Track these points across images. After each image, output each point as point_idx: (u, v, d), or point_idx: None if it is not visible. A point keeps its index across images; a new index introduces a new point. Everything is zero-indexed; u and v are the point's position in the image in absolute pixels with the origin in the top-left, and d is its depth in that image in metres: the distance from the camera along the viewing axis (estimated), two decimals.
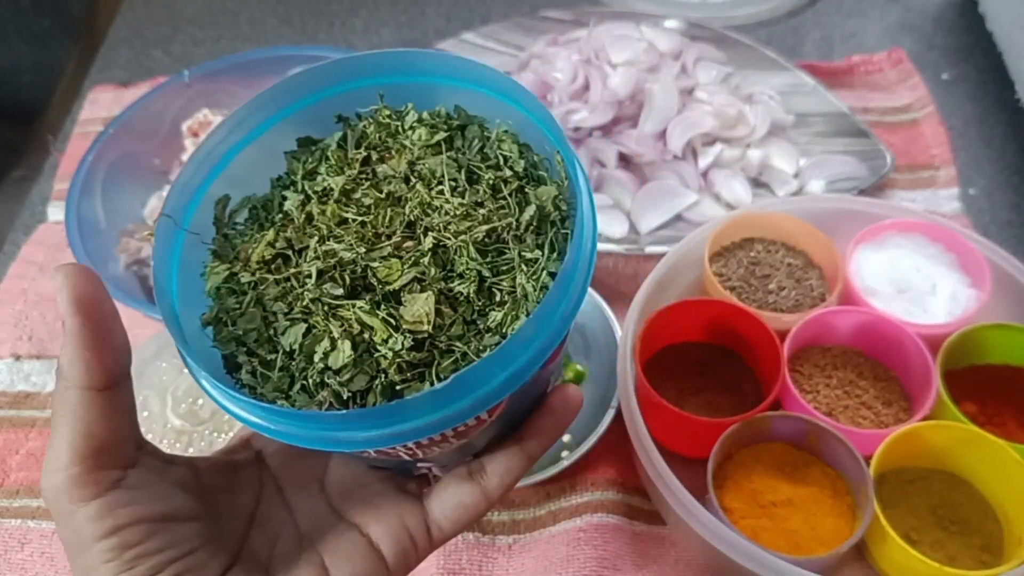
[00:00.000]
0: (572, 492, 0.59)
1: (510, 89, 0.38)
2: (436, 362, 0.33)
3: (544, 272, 0.34)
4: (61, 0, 1.14)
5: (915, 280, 0.62)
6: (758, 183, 0.77)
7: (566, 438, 0.61)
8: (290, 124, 0.40)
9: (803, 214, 0.65)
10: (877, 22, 0.94)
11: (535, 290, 0.34)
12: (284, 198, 0.38)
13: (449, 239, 0.34)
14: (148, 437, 0.56)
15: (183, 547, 0.31)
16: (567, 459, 0.58)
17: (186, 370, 0.34)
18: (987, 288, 0.60)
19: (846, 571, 0.53)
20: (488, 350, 0.33)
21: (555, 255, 0.35)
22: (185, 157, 0.74)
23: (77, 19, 1.14)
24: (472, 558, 0.56)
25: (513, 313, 0.33)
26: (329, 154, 0.39)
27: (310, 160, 0.39)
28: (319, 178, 0.38)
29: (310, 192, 0.37)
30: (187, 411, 0.57)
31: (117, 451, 0.30)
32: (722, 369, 0.61)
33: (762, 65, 0.85)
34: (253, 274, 0.35)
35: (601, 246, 0.71)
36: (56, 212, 0.81)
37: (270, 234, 0.36)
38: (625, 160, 0.77)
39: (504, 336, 0.33)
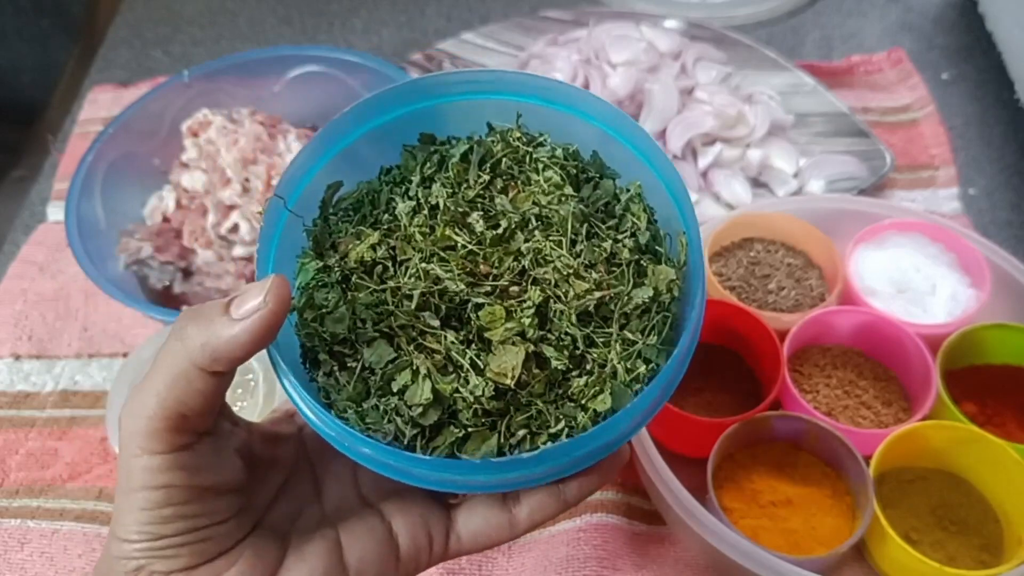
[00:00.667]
0: None
1: (648, 148, 0.37)
2: (510, 415, 0.32)
3: (637, 356, 0.34)
4: (61, 0, 1.14)
5: (915, 280, 0.62)
6: (758, 183, 0.77)
7: None
8: (407, 123, 0.39)
9: (803, 214, 0.65)
10: (877, 22, 0.94)
11: (624, 371, 0.33)
12: (392, 198, 0.37)
13: (557, 300, 0.33)
14: None
15: (216, 516, 0.32)
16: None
17: None
18: (987, 288, 0.60)
19: (846, 571, 0.53)
20: (567, 420, 0.33)
21: (653, 338, 0.34)
22: (185, 158, 0.74)
23: (77, 19, 1.14)
24: (472, 558, 0.56)
25: (597, 388, 0.33)
26: (451, 165, 0.38)
27: (428, 165, 0.38)
28: (435, 187, 0.37)
29: (423, 201, 0.36)
30: None
31: (200, 420, 0.32)
32: (722, 369, 0.61)
33: (762, 65, 0.85)
34: (347, 273, 0.35)
35: None
36: (56, 212, 0.81)
37: (374, 236, 0.35)
38: None
39: (583, 407, 0.33)
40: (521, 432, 0.32)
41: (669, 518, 0.56)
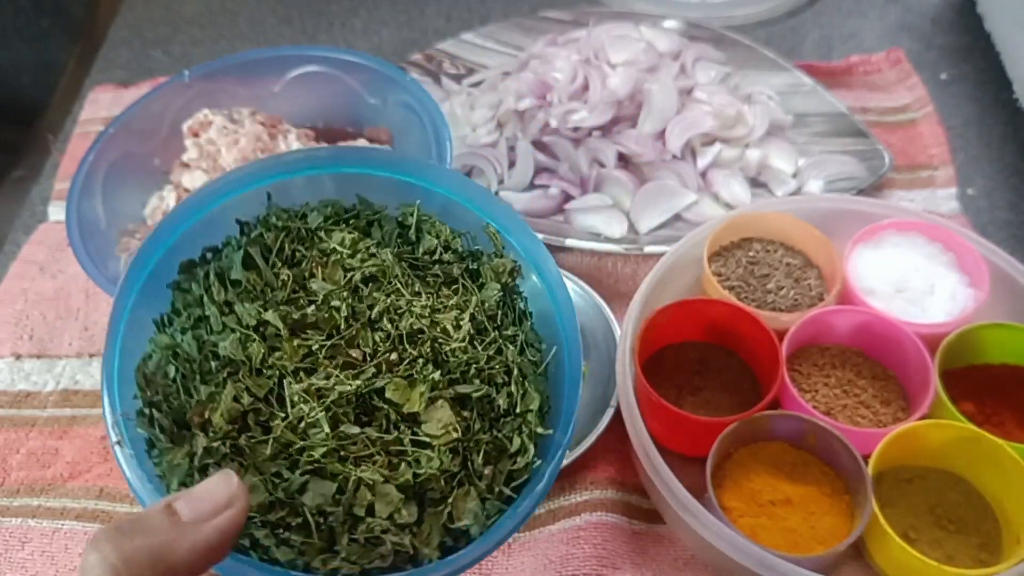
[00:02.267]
0: (571, 491, 0.59)
1: (410, 168, 0.36)
2: (471, 461, 0.32)
3: (525, 344, 0.34)
4: (61, 0, 1.14)
5: (913, 280, 0.62)
6: (757, 183, 0.77)
7: None
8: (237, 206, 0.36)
9: (802, 214, 0.65)
10: (876, 22, 0.94)
11: (529, 362, 0.34)
12: (204, 342, 0.33)
13: (442, 341, 0.32)
14: None
15: None
16: (566, 458, 0.58)
17: None
18: (985, 288, 0.60)
19: (844, 570, 0.54)
20: (515, 420, 0.33)
21: (525, 324, 0.35)
22: (186, 157, 0.74)
23: (77, 19, 1.14)
24: None
25: (521, 391, 0.33)
26: (240, 279, 0.34)
27: (214, 290, 0.34)
28: (239, 308, 0.33)
29: (242, 329, 0.33)
30: None
31: None
32: (721, 369, 0.62)
33: (761, 65, 0.85)
34: (225, 440, 0.31)
35: (600, 246, 0.71)
36: (56, 212, 0.81)
37: (229, 388, 0.31)
38: (624, 160, 0.77)
39: (520, 415, 0.33)
40: (487, 470, 0.32)
41: (668, 517, 0.56)
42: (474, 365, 0.32)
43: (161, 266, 0.35)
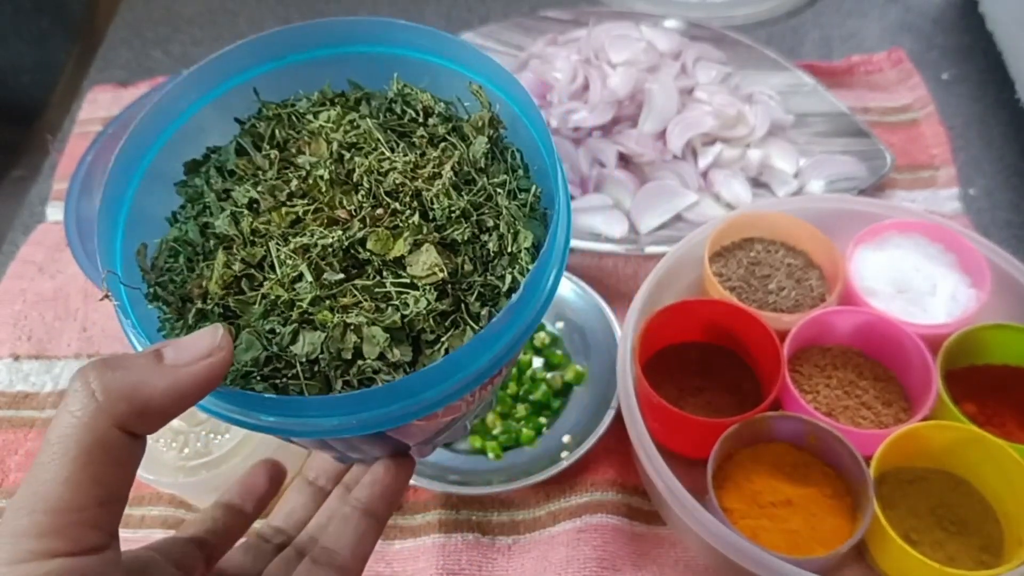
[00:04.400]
0: (572, 492, 0.59)
1: (382, 32, 0.37)
2: (465, 303, 0.32)
3: (517, 190, 0.34)
4: (61, 0, 1.13)
5: (915, 280, 0.62)
6: (758, 183, 0.77)
7: (566, 439, 0.61)
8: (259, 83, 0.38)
9: (803, 214, 0.65)
10: (877, 22, 0.94)
11: (519, 208, 0.34)
12: (207, 225, 0.35)
13: (424, 190, 0.33)
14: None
15: None
16: (567, 459, 0.58)
17: None
18: (987, 288, 0.60)
19: (846, 571, 0.53)
20: (507, 260, 0.33)
21: (517, 173, 0.35)
22: None
23: (77, 19, 1.14)
24: (472, 558, 0.56)
25: (512, 231, 0.33)
26: (234, 167, 0.36)
27: (212, 182, 0.36)
28: (235, 192, 0.35)
29: (235, 208, 0.34)
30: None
31: (117, 509, 0.26)
32: (722, 369, 0.61)
33: (762, 65, 0.84)
34: (219, 302, 0.32)
35: (601, 246, 0.71)
36: (55, 212, 0.81)
37: (220, 256, 0.33)
38: (625, 160, 0.77)
39: (512, 255, 0.33)
40: (484, 311, 0.32)
41: (669, 519, 0.56)
42: (459, 208, 0.33)
43: (158, 166, 0.36)
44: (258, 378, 0.31)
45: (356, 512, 0.37)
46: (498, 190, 0.34)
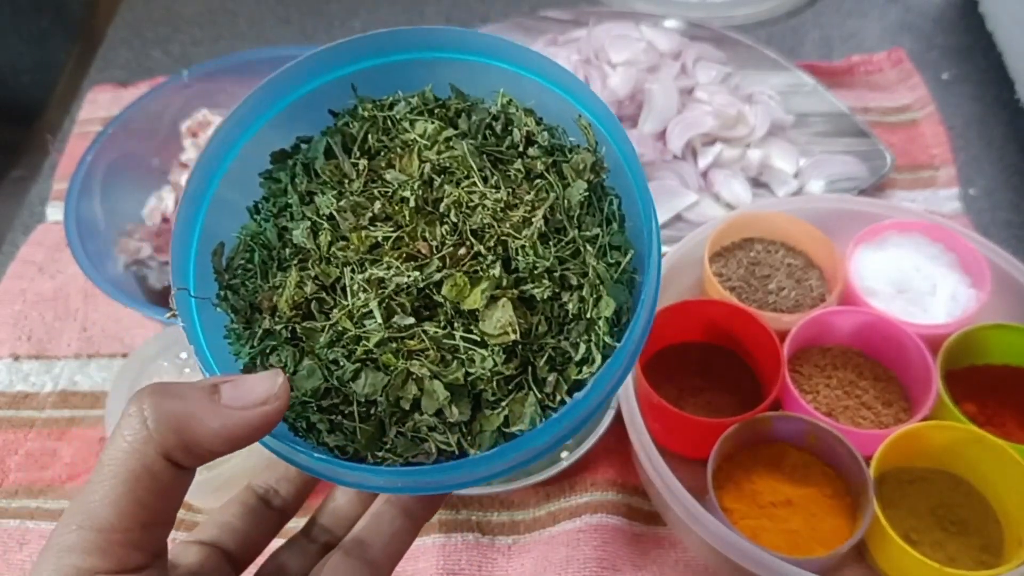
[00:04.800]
0: (572, 493, 0.59)
1: (503, 51, 0.34)
2: (534, 366, 0.31)
3: (608, 247, 0.32)
4: (61, 0, 1.13)
5: (915, 280, 0.62)
6: (758, 183, 0.77)
7: None
8: (271, 130, 0.36)
9: (803, 214, 0.65)
10: (877, 22, 0.94)
11: (606, 268, 0.31)
12: (285, 229, 0.34)
13: (510, 238, 0.31)
14: None
15: None
16: (567, 460, 0.58)
17: (187, 370, 0.33)
18: (987, 288, 0.60)
19: (846, 571, 0.53)
20: (585, 343, 0.31)
21: (612, 226, 0.33)
22: (184, 158, 0.74)
23: (76, 19, 1.14)
24: (472, 558, 0.56)
25: (594, 295, 0.31)
26: (319, 170, 0.35)
27: (297, 180, 0.35)
28: (318, 199, 0.34)
29: (315, 218, 0.33)
30: None
31: (161, 533, 0.27)
32: (722, 369, 0.61)
33: (762, 65, 0.84)
34: (288, 324, 0.31)
35: None
36: (55, 212, 0.81)
37: (293, 275, 0.32)
38: None
39: (590, 321, 0.31)
40: (551, 377, 0.30)
41: (669, 519, 0.56)
42: (544, 265, 0.31)
43: (246, 155, 0.35)
44: (315, 408, 0.31)
45: (393, 508, 0.35)
46: (587, 246, 0.32)
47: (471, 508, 0.59)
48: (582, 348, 0.31)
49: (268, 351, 0.32)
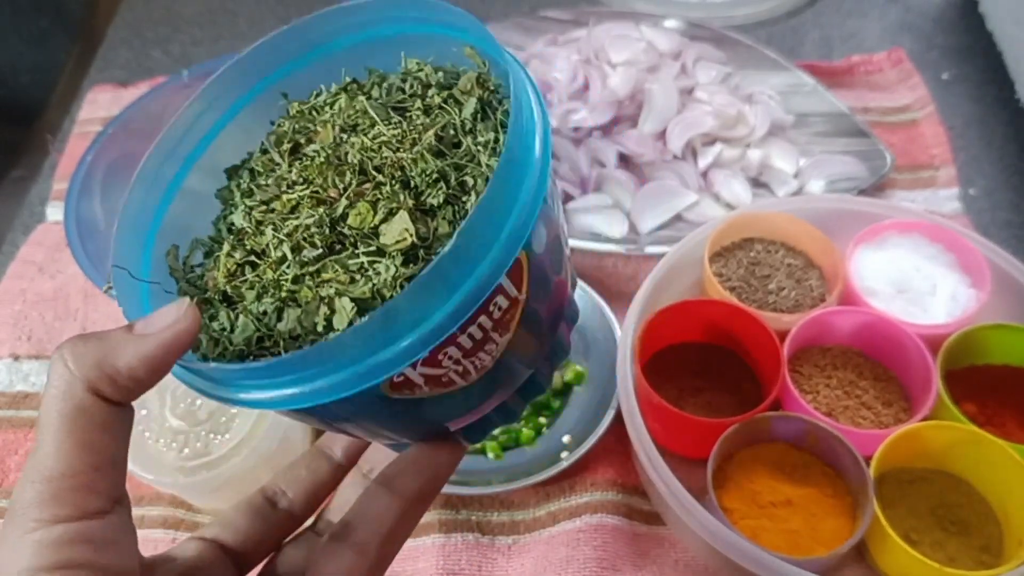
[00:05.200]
0: (572, 493, 0.59)
1: (389, 10, 0.37)
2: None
3: (504, 147, 0.32)
4: (61, 0, 1.13)
5: (915, 280, 0.62)
6: (758, 183, 0.77)
7: (566, 439, 0.61)
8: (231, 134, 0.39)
9: (803, 214, 0.65)
10: (877, 22, 0.94)
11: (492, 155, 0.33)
12: (232, 224, 0.36)
13: (404, 156, 0.33)
14: (145, 436, 0.56)
15: None
16: (567, 460, 0.58)
17: None
18: (987, 288, 0.60)
19: (846, 571, 0.53)
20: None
21: (505, 130, 0.34)
22: None
23: (76, 19, 1.14)
24: (471, 558, 0.56)
25: (479, 171, 0.33)
26: (256, 166, 0.37)
27: (242, 182, 0.38)
28: (256, 194, 0.36)
29: (250, 204, 0.36)
30: (185, 411, 0.57)
31: (113, 475, 0.27)
32: (722, 369, 0.61)
33: (762, 65, 0.84)
34: (224, 292, 0.33)
35: (601, 246, 0.71)
36: (55, 212, 0.81)
37: (225, 246, 0.34)
38: (625, 160, 0.77)
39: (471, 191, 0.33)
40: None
41: (669, 519, 0.56)
42: (434, 174, 0.33)
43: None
44: (251, 358, 0.32)
45: (379, 487, 0.34)
46: (481, 149, 0.33)
47: (471, 508, 0.59)
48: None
49: (209, 319, 0.33)
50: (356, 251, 0.32)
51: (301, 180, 0.35)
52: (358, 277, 0.31)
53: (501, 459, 0.61)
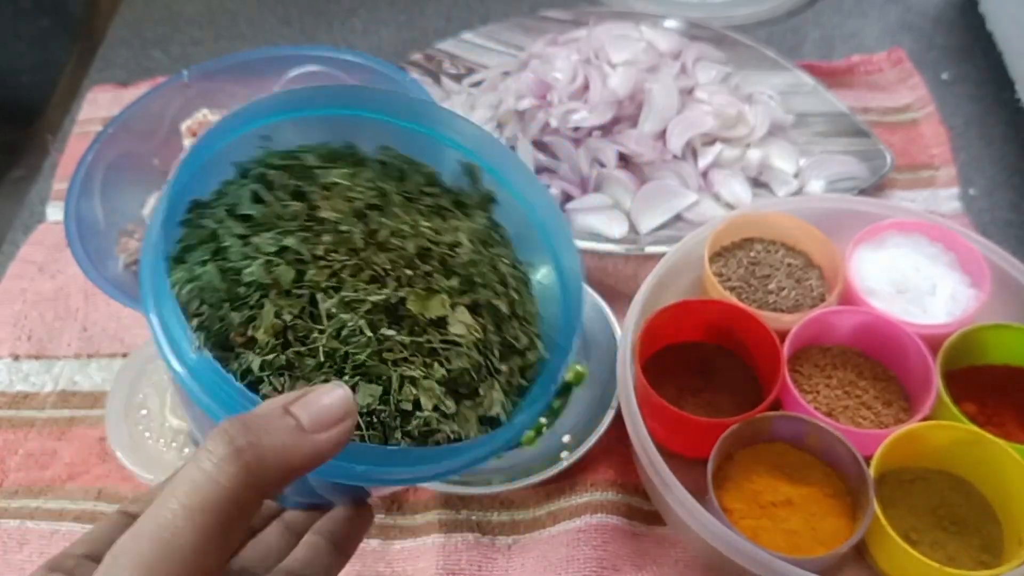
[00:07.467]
0: (572, 493, 0.59)
1: (403, 110, 0.40)
2: (490, 360, 0.36)
3: (515, 262, 0.40)
4: (61, 0, 1.14)
5: (915, 280, 0.62)
6: (758, 183, 0.77)
7: (566, 439, 0.61)
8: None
9: (803, 214, 0.65)
10: (877, 22, 0.94)
11: (521, 274, 0.39)
12: (228, 270, 0.34)
13: (448, 256, 0.37)
14: (145, 436, 0.56)
15: None
16: (567, 460, 0.58)
17: None
18: (987, 288, 0.60)
19: (846, 571, 0.53)
20: (518, 322, 0.38)
21: (510, 248, 0.40)
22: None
23: (76, 19, 1.14)
24: (471, 558, 0.56)
25: (518, 296, 0.38)
26: (254, 214, 0.36)
27: (228, 224, 0.36)
28: (258, 241, 0.35)
29: (268, 257, 0.35)
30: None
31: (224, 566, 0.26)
32: (722, 369, 0.61)
33: (762, 65, 0.84)
34: (269, 353, 0.32)
35: (601, 246, 0.71)
36: (55, 212, 0.81)
37: (268, 306, 0.33)
38: (625, 160, 0.77)
39: (520, 317, 0.38)
40: (504, 366, 0.37)
41: (669, 519, 0.56)
42: (479, 276, 0.37)
43: (174, 207, 0.37)
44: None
45: (325, 542, 0.35)
46: (500, 259, 0.38)
47: (471, 508, 0.59)
48: (523, 339, 0.37)
49: (256, 382, 0.32)
50: (428, 336, 0.34)
51: (334, 248, 0.35)
52: (429, 361, 0.34)
53: (501, 459, 0.61)
